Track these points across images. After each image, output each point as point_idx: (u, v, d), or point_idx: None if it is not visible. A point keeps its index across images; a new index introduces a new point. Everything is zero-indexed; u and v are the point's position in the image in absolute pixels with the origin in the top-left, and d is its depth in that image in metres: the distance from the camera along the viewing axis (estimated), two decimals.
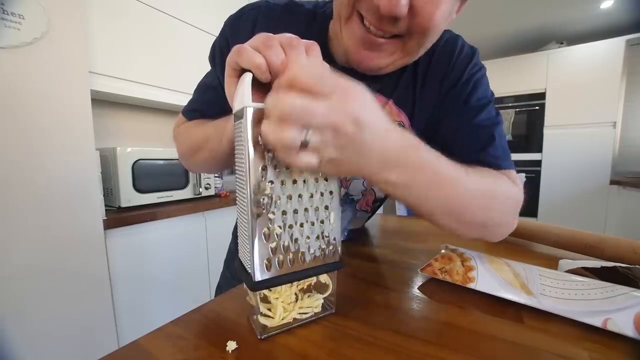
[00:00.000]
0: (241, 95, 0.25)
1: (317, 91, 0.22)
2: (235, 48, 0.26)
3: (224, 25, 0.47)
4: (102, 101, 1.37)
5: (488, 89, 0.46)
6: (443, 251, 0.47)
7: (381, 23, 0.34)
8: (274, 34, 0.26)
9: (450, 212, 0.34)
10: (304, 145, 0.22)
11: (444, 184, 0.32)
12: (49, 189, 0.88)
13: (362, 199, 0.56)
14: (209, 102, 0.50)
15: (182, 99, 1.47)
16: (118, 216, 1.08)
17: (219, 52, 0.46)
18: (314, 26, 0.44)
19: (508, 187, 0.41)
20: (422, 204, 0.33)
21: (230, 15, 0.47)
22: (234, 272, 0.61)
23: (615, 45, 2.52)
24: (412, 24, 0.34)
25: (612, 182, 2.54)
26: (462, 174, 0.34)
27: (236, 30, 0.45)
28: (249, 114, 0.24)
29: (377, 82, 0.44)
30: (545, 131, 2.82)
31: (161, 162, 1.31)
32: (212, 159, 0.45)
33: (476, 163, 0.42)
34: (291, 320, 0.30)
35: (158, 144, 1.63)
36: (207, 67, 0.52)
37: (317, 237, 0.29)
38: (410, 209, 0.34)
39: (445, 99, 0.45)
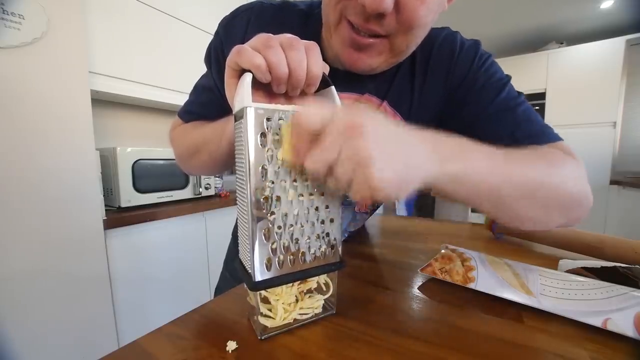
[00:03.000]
0: (241, 96, 0.25)
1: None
2: (235, 48, 0.26)
3: (218, 26, 0.46)
4: (102, 101, 1.37)
5: (502, 72, 0.44)
6: (443, 251, 0.47)
7: (368, 23, 0.34)
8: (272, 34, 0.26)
9: (523, 195, 0.32)
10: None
11: (501, 165, 0.30)
12: (49, 189, 0.88)
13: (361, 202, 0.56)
14: (206, 103, 0.50)
15: (182, 99, 1.46)
16: (118, 216, 1.08)
17: (214, 54, 0.46)
18: (308, 27, 0.44)
19: (566, 161, 0.36)
20: (500, 197, 0.31)
21: (225, 17, 0.46)
22: (233, 272, 0.61)
23: (615, 45, 2.52)
24: (399, 20, 0.34)
25: (612, 182, 2.54)
26: (516, 156, 0.32)
27: (230, 31, 0.45)
28: (250, 115, 0.24)
29: (371, 82, 0.44)
30: None
31: (161, 162, 1.31)
32: (212, 161, 0.44)
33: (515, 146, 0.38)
34: (292, 321, 0.30)
35: (158, 144, 1.63)
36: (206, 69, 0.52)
37: (318, 237, 0.29)
38: (489, 212, 0.32)
39: (458, 90, 0.43)
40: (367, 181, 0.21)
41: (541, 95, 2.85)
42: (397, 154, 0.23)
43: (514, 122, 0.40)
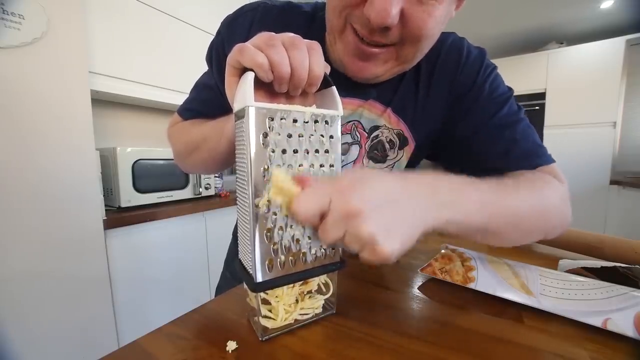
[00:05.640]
0: (243, 95, 0.25)
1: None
2: (237, 47, 0.26)
3: (220, 25, 0.46)
4: (102, 101, 1.37)
5: (504, 85, 0.45)
6: (443, 251, 0.47)
7: (373, 34, 0.33)
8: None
9: (510, 226, 0.34)
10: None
11: (492, 202, 0.32)
12: (49, 189, 0.88)
13: None
14: (206, 101, 0.50)
15: (182, 99, 1.46)
16: (118, 216, 1.08)
17: (215, 53, 0.46)
18: (313, 29, 0.44)
19: (552, 187, 0.38)
20: (487, 231, 0.32)
21: (228, 15, 0.46)
22: (234, 272, 0.61)
23: (615, 45, 2.52)
24: (404, 33, 0.33)
25: (612, 182, 2.54)
26: (504, 190, 0.33)
27: (232, 30, 0.44)
28: (251, 114, 0.24)
29: (376, 88, 0.44)
30: (545, 131, 2.82)
31: (161, 162, 1.31)
32: (210, 159, 0.44)
33: (507, 168, 0.40)
34: (292, 322, 0.30)
35: (158, 144, 1.63)
36: (207, 67, 0.52)
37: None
38: (477, 239, 0.34)
39: (462, 100, 0.44)
40: (375, 255, 0.23)
41: (541, 95, 2.85)
42: (399, 218, 0.24)
43: (511, 140, 0.42)
